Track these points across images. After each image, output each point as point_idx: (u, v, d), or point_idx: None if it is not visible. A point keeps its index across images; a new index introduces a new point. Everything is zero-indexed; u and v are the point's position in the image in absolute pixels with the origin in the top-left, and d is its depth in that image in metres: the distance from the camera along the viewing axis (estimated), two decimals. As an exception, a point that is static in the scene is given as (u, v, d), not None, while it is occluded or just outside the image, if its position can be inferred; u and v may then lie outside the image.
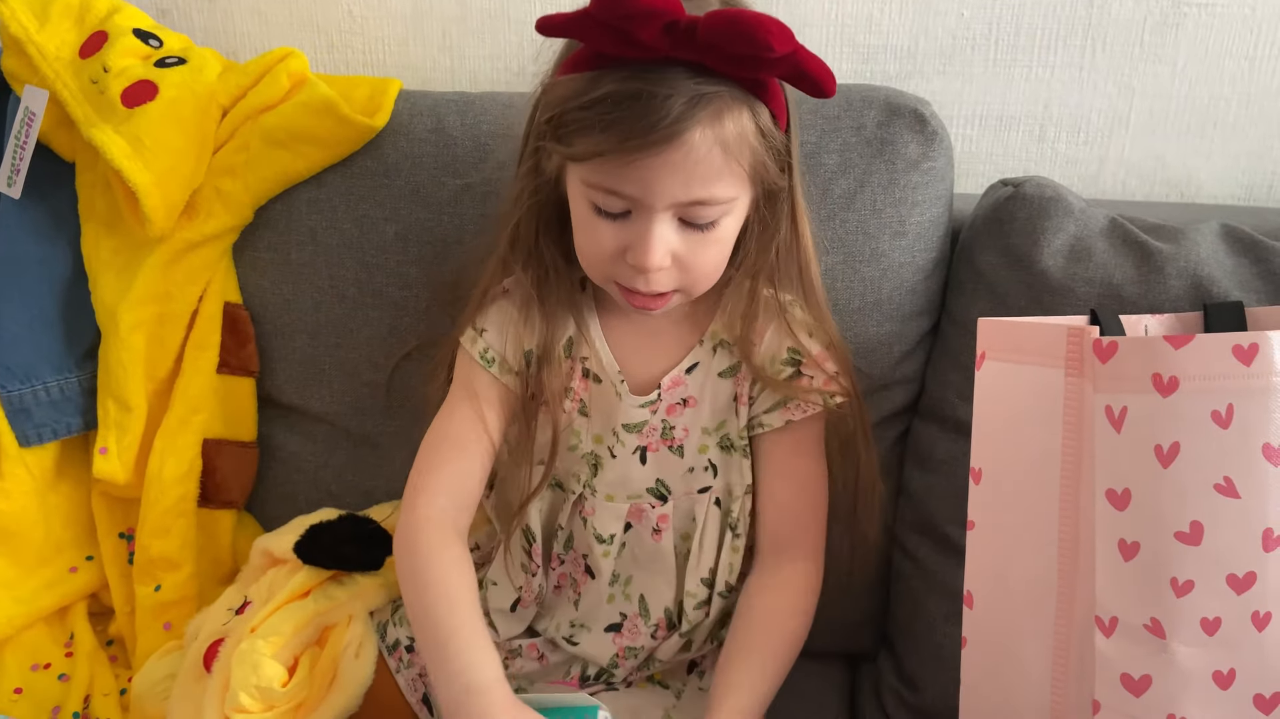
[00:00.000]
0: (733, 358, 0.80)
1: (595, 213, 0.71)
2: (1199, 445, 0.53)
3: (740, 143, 0.67)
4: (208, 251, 0.92)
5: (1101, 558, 0.55)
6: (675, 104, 0.63)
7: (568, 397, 0.81)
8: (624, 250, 0.70)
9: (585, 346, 0.80)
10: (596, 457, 0.81)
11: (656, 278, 0.71)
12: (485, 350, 0.81)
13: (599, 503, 0.82)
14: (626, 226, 0.70)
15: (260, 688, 0.78)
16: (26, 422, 0.92)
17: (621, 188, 0.68)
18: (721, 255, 0.74)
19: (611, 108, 0.64)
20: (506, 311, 0.80)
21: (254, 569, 0.93)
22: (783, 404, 0.79)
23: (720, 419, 0.80)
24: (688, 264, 0.71)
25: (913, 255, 0.92)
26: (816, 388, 0.79)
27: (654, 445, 0.81)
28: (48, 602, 0.94)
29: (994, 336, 0.67)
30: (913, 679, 0.93)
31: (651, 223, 0.68)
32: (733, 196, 0.70)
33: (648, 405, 0.80)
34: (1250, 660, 0.54)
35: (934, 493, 0.93)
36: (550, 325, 0.79)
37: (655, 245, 0.68)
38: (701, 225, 0.70)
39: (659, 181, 0.66)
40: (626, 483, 0.81)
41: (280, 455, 1.00)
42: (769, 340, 0.79)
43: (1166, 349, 0.53)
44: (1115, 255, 0.86)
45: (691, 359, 0.80)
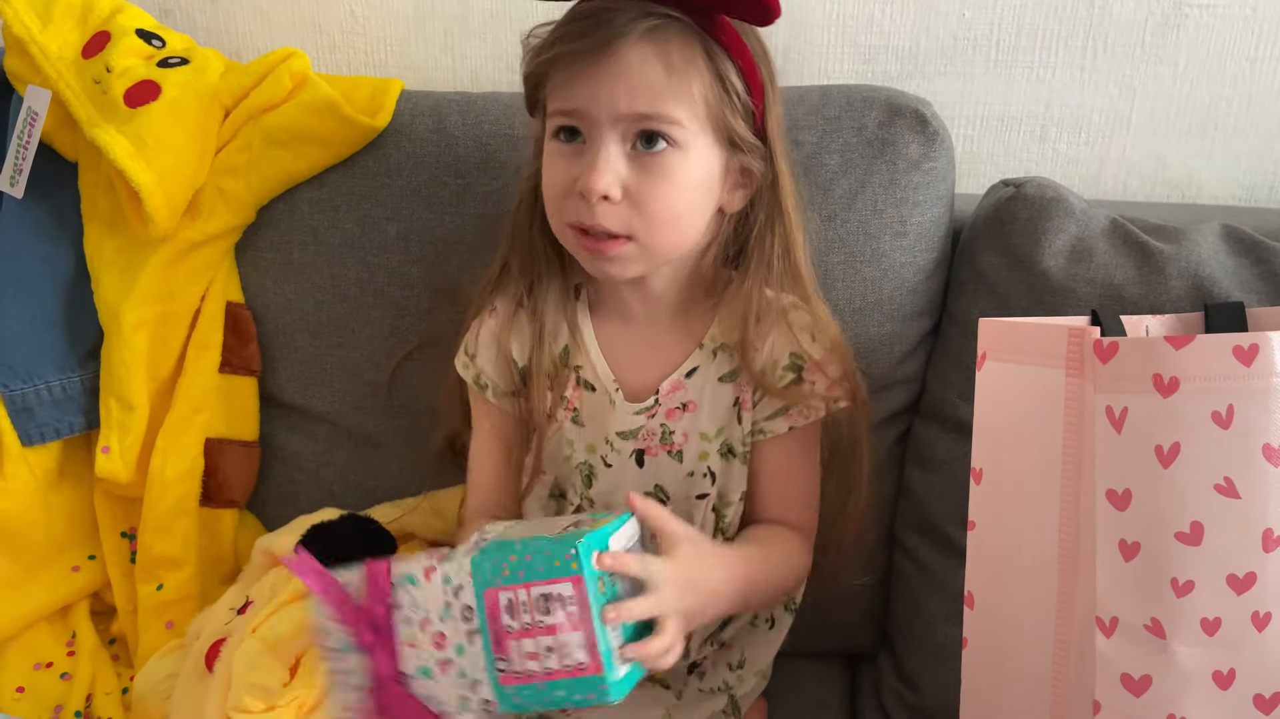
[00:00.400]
0: (733, 362, 0.79)
1: (555, 141, 0.72)
2: (1199, 446, 0.53)
3: (687, 66, 0.69)
4: (210, 251, 0.92)
5: (1102, 558, 0.55)
6: (620, 18, 0.67)
7: (561, 405, 0.80)
8: (575, 180, 0.71)
9: (580, 355, 0.80)
10: (590, 466, 0.81)
11: (603, 210, 0.70)
12: (478, 377, 0.82)
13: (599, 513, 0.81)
14: (579, 158, 0.71)
15: (262, 687, 0.78)
16: (29, 421, 0.92)
17: (570, 102, 0.70)
18: (677, 200, 0.72)
19: (568, 27, 0.70)
20: (495, 335, 0.81)
21: (256, 569, 0.93)
22: (785, 410, 0.79)
23: (720, 425, 0.79)
24: (639, 200, 0.70)
25: (914, 255, 0.92)
26: (819, 393, 0.78)
27: (652, 449, 0.80)
28: (50, 600, 0.94)
29: (995, 337, 0.67)
30: (913, 679, 0.93)
31: (598, 146, 0.70)
32: (680, 120, 0.69)
33: (644, 412, 0.79)
34: (1250, 661, 0.54)
35: (935, 493, 0.93)
36: (542, 334, 0.80)
37: (600, 166, 0.69)
38: (650, 151, 0.70)
39: (600, 90, 0.69)
40: (624, 489, 0.80)
41: (282, 455, 1.00)
42: (770, 345, 0.78)
43: (1167, 349, 0.53)
44: (1116, 256, 0.86)
45: (691, 363, 0.79)
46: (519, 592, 0.59)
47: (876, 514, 0.96)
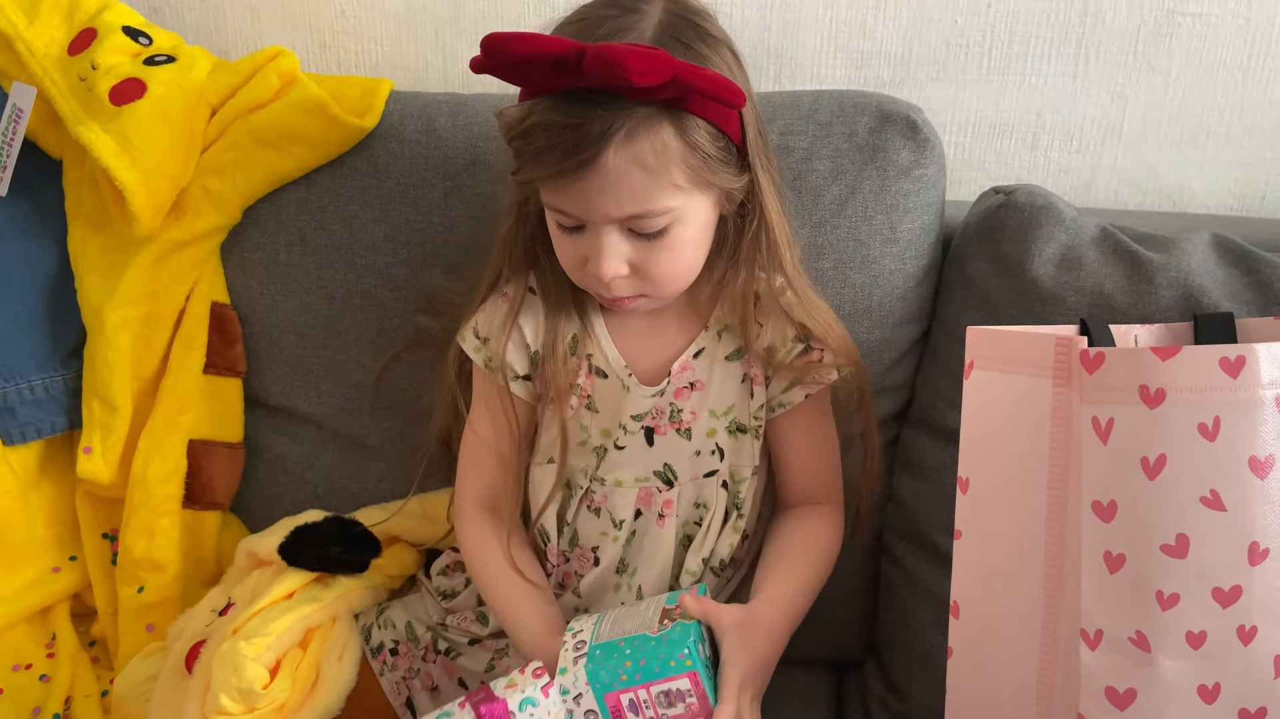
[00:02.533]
0: (738, 341, 0.82)
1: (558, 227, 0.76)
2: (1185, 458, 0.52)
3: (662, 159, 0.69)
4: (195, 251, 0.92)
5: (1087, 570, 0.55)
6: (589, 132, 0.67)
7: (574, 393, 0.82)
8: (585, 260, 0.74)
9: (590, 343, 0.82)
10: (604, 449, 0.83)
11: (615, 285, 0.75)
12: (489, 360, 0.83)
13: (610, 489, 0.83)
14: (583, 239, 0.74)
15: (241, 689, 0.78)
16: (10, 420, 0.92)
17: (565, 207, 0.73)
18: (682, 261, 0.76)
19: (537, 138, 0.69)
20: (507, 316, 0.83)
21: (239, 571, 0.93)
22: (800, 380, 0.82)
23: (729, 403, 0.82)
24: (646, 272, 0.75)
25: (904, 262, 0.91)
26: (829, 361, 0.82)
27: (661, 428, 0.82)
28: (30, 602, 0.93)
29: (982, 345, 0.66)
30: (899, 687, 0.92)
31: (599, 237, 0.73)
32: (672, 207, 0.72)
33: (656, 394, 0.82)
34: (1236, 675, 0.54)
35: (922, 501, 0.93)
36: (553, 323, 0.82)
37: (605, 257, 0.73)
38: (650, 235, 0.73)
39: (591, 202, 0.71)
40: (633, 466, 0.83)
41: (267, 457, 1.00)
42: (772, 324, 0.81)
43: (1154, 361, 0.53)
44: (1106, 265, 0.86)
45: (698, 345, 0.82)
46: (639, 691, 0.68)
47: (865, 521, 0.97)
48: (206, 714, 0.79)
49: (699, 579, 0.84)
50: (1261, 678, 0.54)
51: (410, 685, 0.89)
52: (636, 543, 0.84)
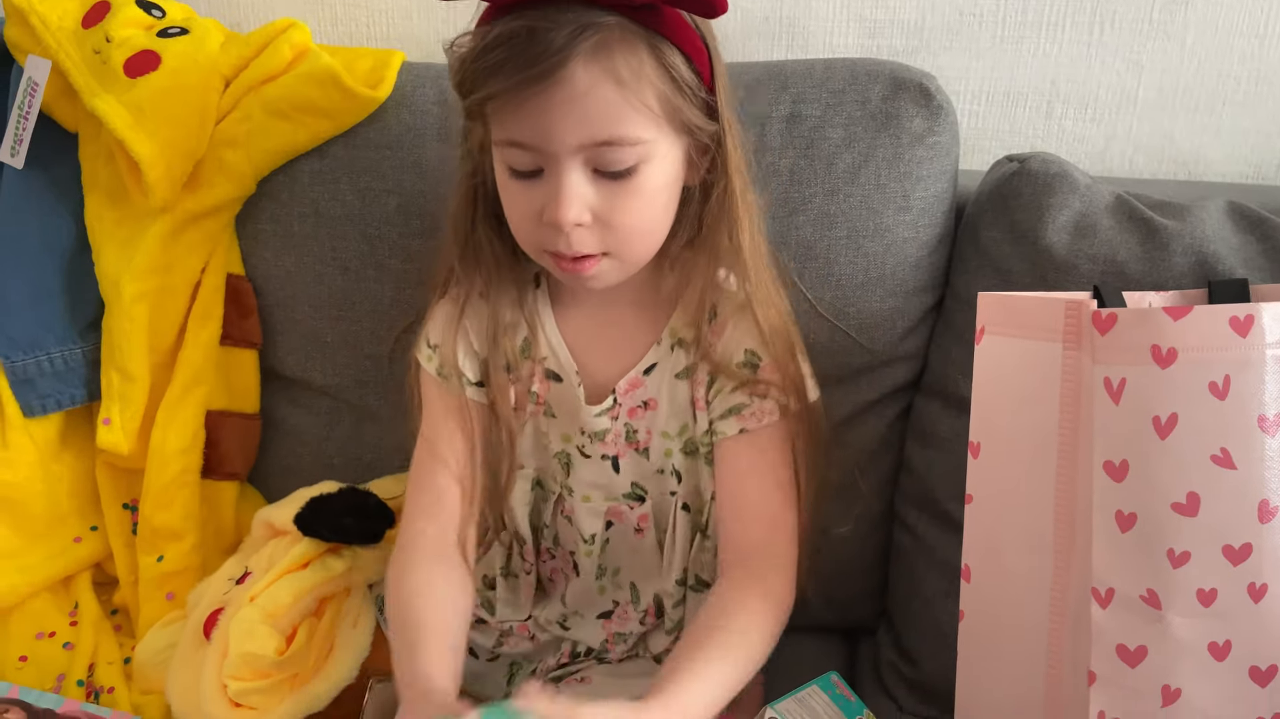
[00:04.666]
0: (689, 358, 0.76)
1: (511, 176, 0.68)
2: (1196, 417, 0.53)
3: (637, 78, 0.63)
4: (210, 223, 0.92)
5: (1099, 529, 0.55)
6: (557, 37, 0.60)
7: (530, 400, 0.79)
8: (541, 211, 0.67)
9: (543, 346, 0.78)
10: (567, 455, 0.80)
11: (576, 236, 0.67)
12: (441, 367, 0.78)
13: (577, 503, 0.81)
14: (541, 185, 0.67)
15: (257, 656, 0.79)
16: (30, 392, 0.93)
17: (521, 136, 0.65)
18: (650, 212, 0.69)
19: (500, 48, 0.62)
20: (455, 322, 0.78)
21: (255, 540, 0.94)
22: (737, 410, 0.75)
23: (681, 422, 0.77)
24: (610, 220, 0.67)
25: (917, 231, 0.91)
26: (774, 394, 0.74)
27: (622, 452, 0.79)
28: (52, 571, 0.94)
29: (994, 311, 0.66)
30: (911, 654, 0.93)
31: (560, 174, 0.65)
32: (643, 138, 0.65)
33: (605, 413, 0.78)
34: (1246, 632, 0.54)
35: (935, 469, 0.93)
36: (494, 324, 0.77)
37: (566, 198, 0.65)
38: (616, 173, 0.65)
39: (554, 123, 0.63)
40: (603, 486, 0.80)
41: (283, 428, 1.00)
42: (728, 338, 0.75)
43: (1165, 321, 0.53)
44: (1120, 232, 0.85)
45: (650, 359, 0.77)
46: None
47: (876, 490, 0.97)
48: (223, 679, 0.80)
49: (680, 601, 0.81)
50: (1272, 635, 0.54)
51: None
52: (613, 550, 0.82)
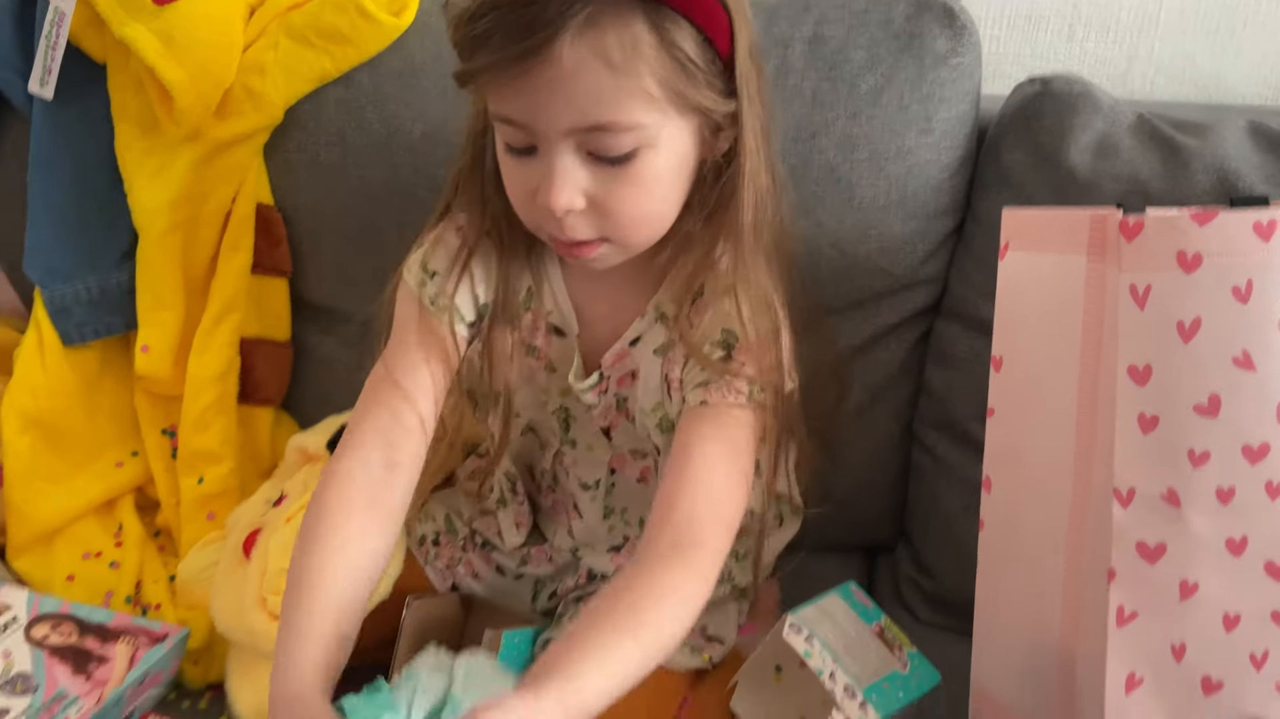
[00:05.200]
0: (670, 334, 0.72)
1: (507, 151, 0.65)
2: (1219, 320, 0.54)
3: (631, 56, 0.58)
4: (240, 152, 0.93)
5: (1121, 432, 0.57)
6: (547, 8, 0.56)
7: (531, 354, 0.77)
8: (535, 191, 0.64)
9: (548, 299, 0.76)
10: (566, 410, 0.79)
11: (570, 222, 0.64)
12: (436, 297, 0.73)
13: (580, 454, 0.81)
14: (535, 164, 0.63)
15: (296, 571, 0.82)
16: (68, 321, 0.95)
17: (512, 113, 0.62)
18: (651, 201, 0.65)
19: (488, 15, 0.58)
20: (459, 257, 0.73)
21: (289, 466, 0.96)
22: (705, 384, 0.70)
23: (656, 400, 0.74)
24: (606, 207, 0.63)
25: (938, 153, 0.92)
26: (745, 375, 0.69)
27: (614, 422, 0.78)
28: (95, 494, 0.97)
29: (1017, 226, 0.68)
30: (929, 569, 0.96)
31: (552, 156, 0.61)
32: (640, 123, 0.61)
33: (592, 388, 0.76)
34: (1263, 529, 0.56)
35: (954, 391, 0.95)
36: (506, 276, 0.74)
37: (558, 182, 0.61)
38: (612, 159, 0.62)
39: (543, 103, 0.59)
40: (597, 450, 0.80)
41: (315, 356, 1.03)
42: (708, 319, 0.70)
43: (1191, 226, 0.54)
44: (1142, 151, 0.86)
45: (634, 331, 0.74)
46: None
47: (896, 413, 0.99)
48: (263, 594, 0.83)
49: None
50: (1288, 532, 0.56)
51: (454, 573, 0.92)
52: (619, 492, 0.82)
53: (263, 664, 0.82)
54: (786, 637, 0.73)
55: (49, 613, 0.83)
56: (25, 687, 0.76)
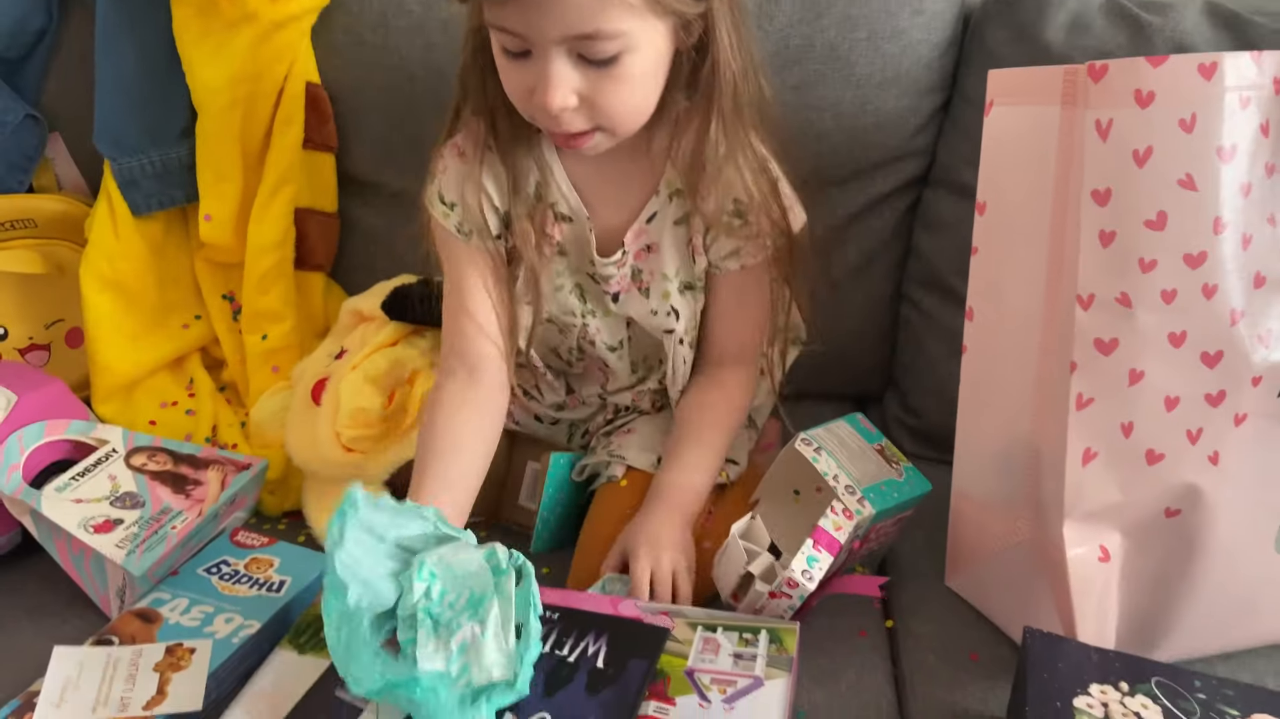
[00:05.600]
0: (686, 206, 0.82)
1: (504, 54, 0.72)
2: (1168, 148, 0.64)
3: None
4: (290, 33, 1.01)
5: (1084, 246, 0.67)
6: None
7: (545, 241, 0.85)
8: (532, 90, 0.71)
9: (553, 190, 0.83)
10: (581, 287, 0.87)
11: (565, 118, 0.71)
12: (461, 224, 0.83)
13: (601, 321, 0.89)
14: (530, 66, 0.70)
15: (365, 410, 0.92)
16: (136, 192, 1.03)
17: (507, 24, 0.68)
18: (635, 94, 0.73)
19: None
20: (470, 176, 0.82)
21: (344, 327, 1.06)
22: (736, 254, 0.84)
23: (678, 265, 0.85)
24: (597, 104, 0.71)
25: (929, 33, 1.01)
26: (765, 232, 0.82)
27: (625, 288, 0.87)
28: (167, 351, 1.07)
29: (1002, 83, 0.77)
30: (916, 408, 1.08)
31: (546, 61, 0.69)
32: (622, 30, 0.68)
33: (613, 263, 0.85)
34: (1199, 324, 0.67)
35: (940, 251, 1.06)
36: (513, 175, 0.81)
37: (553, 85, 0.69)
38: (599, 62, 0.69)
39: (533, 18, 0.67)
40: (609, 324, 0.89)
41: (359, 228, 1.12)
42: (717, 192, 0.80)
43: (1146, 68, 0.64)
44: (1111, 28, 0.96)
45: (650, 209, 0.84)
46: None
47: (886, 274, 1.10)
48: (336, 429, 0.93)
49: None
50: (1220, 327, 0.67)
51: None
52: (637, 345, 0.91)
53: (336, 489, 0.93)
54: (797, 447, 0.85)
55: (143, 445, 0.93)
56: (133, 502, 0.87)
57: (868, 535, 0.84)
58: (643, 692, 0.68)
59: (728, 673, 0.71)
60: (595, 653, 0.71)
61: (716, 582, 0.83)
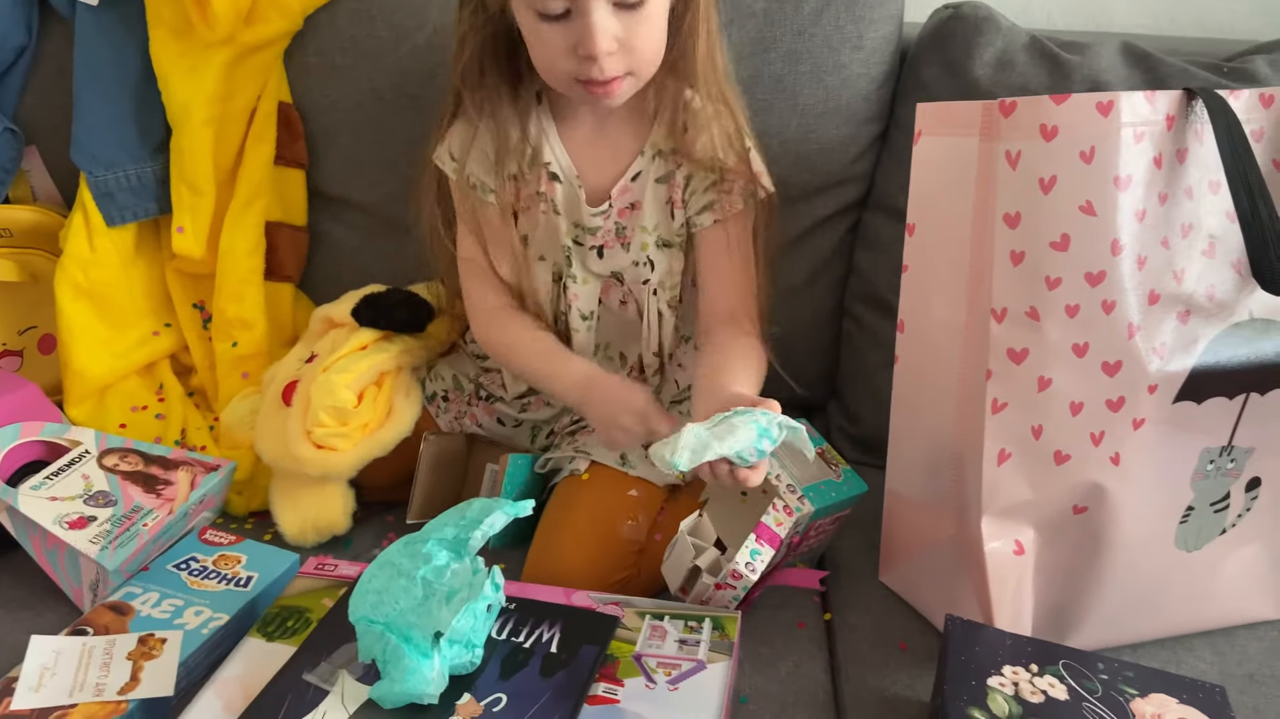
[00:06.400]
0: (668, 166, 0.93)
1: (540, 20, 0.82)
2: (1070, 177, 0.71)
3: None
4: (264, 55, 1.06)
5: (997, 266, 0.74)
6: None
7: (541, 199, 0.94)
8: (574, 46, 0.81)
9: (547, 152, 0.93)
10: (568, 248, 0.96)
11: (607, 63, 0.82)
12: (470, 178, 0.94)
13: (579, 288, 0.97)
14: (570, 26, 0.81)
15: (336, 408, 0.96)
16: (111, 204, 1.07)
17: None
18: (658, 32, 0.85)
19: None
20: (477, 137, 0.93)
21: (314, 334, 1.10)
22: (710, 206, 0.92)
23: (657, 220, 0.94)
24: (631, 44, 0.82)
25: (868, 67, 1.08)
26: (738, 190, 0.92)
27: (609, 243, 0.95)
28: (138, 358, 1.10)
29: (928, 117, 0.84)
30: (855, 415, 1.15)
31: (590, 13, 0.79)
32: None
33: (600, 214, 0.94)
34: (1100, 336, 0.74)
35: (878, 270, 1.13)
36: (512, 141, 0.92)
37: (599, 31, 0.80)
38: (632, 5, 0.81)
39: None
40: (593, 271, 0.97)
41: (328, 241, 1.16)
42: (699, 147, 0.91)
43: (1050, 105, 0.71)
44: (1033, 66, 1.04)
45: (636, 168, 0.93)
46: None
47: (830, 290, 1.17)
48: (308, 428, 0.97)
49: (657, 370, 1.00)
50: (1119, 339, 0.74)
51: (461, 423, 1.08)
52: (604, 326, 1.00)
53: (303, 489, 0.98)
54: None
55: (115, 447, 0.96)
56: (106, 500, 0.90)
57: (807, 532, 0.90)
58: (593, 674, 0.73)
59: (673, 657, 0.76)
60: (550, 639, 0.76)
61: (665, 575, 0.88)
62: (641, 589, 0.91)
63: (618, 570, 0.91)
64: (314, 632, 0.77)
